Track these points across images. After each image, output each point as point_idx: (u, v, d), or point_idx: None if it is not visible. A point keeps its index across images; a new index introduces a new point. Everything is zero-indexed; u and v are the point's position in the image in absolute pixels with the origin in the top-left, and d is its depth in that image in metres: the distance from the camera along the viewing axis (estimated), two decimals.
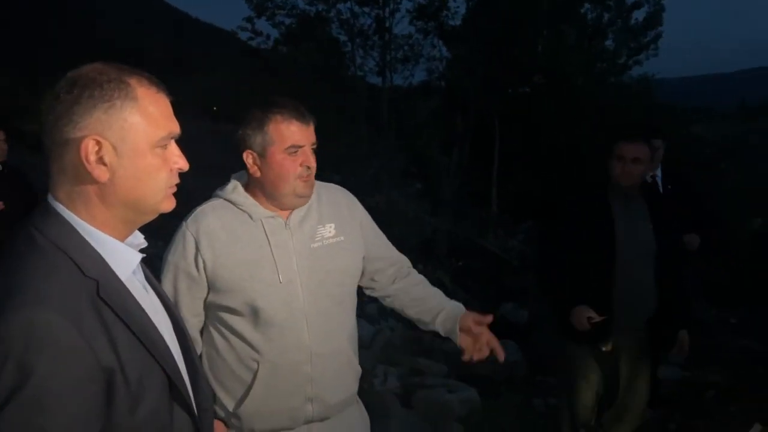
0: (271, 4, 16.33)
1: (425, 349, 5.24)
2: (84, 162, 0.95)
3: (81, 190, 0.98)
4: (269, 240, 1.66)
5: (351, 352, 1.77)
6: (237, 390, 1.68)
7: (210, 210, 1.69)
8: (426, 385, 4.28)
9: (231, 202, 1.70)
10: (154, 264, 1.66)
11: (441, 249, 8.97)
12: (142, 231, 1.10)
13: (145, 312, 1.01)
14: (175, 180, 1.05)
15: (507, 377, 4.88)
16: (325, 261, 1.70)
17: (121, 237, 1.03)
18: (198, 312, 1.70)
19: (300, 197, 1.67)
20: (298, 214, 1.70)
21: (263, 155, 1.63)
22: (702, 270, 4.83)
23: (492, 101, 15.41)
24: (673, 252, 2.76)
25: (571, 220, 2.75)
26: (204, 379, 1.17)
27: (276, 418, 1.68)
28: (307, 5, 16.53)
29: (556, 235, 2.83)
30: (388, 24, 16.82)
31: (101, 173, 0.96)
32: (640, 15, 17.60)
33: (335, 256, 1.72)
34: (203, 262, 1.64)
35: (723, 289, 6.45)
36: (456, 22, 16.77)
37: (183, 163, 1.05)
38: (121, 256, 1.01)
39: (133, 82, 0.98)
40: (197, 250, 1.64)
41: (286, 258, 1.66)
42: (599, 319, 2.53)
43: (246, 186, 1.72)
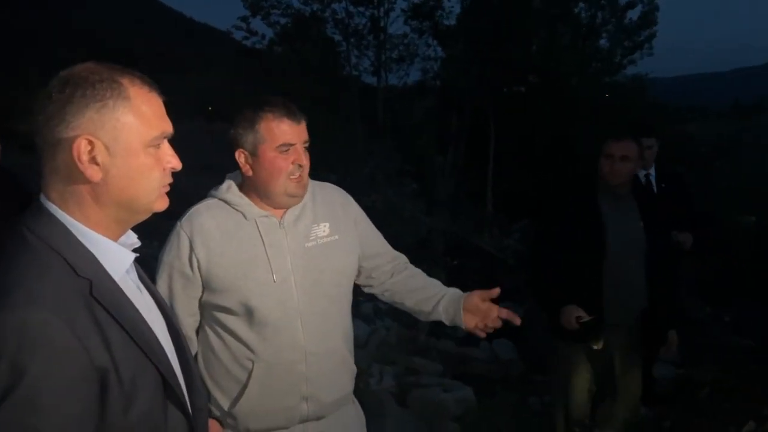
0: (266, 3, 16.33)
1: (420, 349, 5.25)
2: (76, 162, 0.95)
3: (74, 190, 0.97)
4: (263, 239, 1.66)
5: (346, 351, 1.77)
6: (232, 389, 1.68)
7: (204, 209, 1.69)
8: (421, 385, 4.29)
9: (225, 201, 1.70)
10: (149, 265, 1.65)
11: (437, 248, 8.98)
12: (137, 231, 1.10)
13: (139, 311, 1.01)
14: (168, 179, 1.05)
15: (502, 376, 4.89)
16: (320, 260, 1.70)
17: (114, 237, 1.03)
18: (193, 312, 1.70)
19: (292, 197, 1.67)
20: (292, 213, 1.70)
21: (255, 154, 1.63)
22: (696, 268, 4.85)
23: (487, 101, 15.45)
24: (665, 250, 2.76)
25: (561, 219, 2.75)
26: (198, 378, 1.17)
27: (271, 417, 1.68)
28: (302, 5, 16.55)
29: (546, 235, 2.83)
30: (382, 23, 16.86)
31: (94, 173, 0.96)
32: (634, 14, 17.69)
33: (330, 255, 1.71)
34: (197, 261, 1.64)
35: (717, 287, 6.48)
36: (451, 21, 16.81)
37: (176, 163, 1.04)
38: (115, 255, 1.01)
39: (126, 81, 0.98)
40: (191, 249, 1.64)
41: (280, 257, 1.66)
42: (588, 319, 2.54)
43: (240, 186, 1.72)
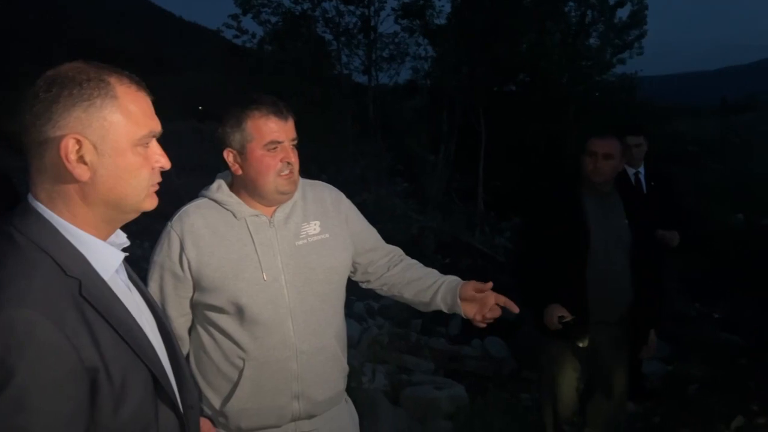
0: (257, 1, 16.27)
1: (412, 347, 5.26)
2: (64, 161, 0.94)
3: (62, 189, 0.97)
4: (253, 238, 1.66)
5: (338, 349, 1.77)
6: (224, 388, 1.68)
7: (194, 209, 1.69)
8: (414, 383, 4.30)
9: (215, 201, 1.69)
10: (141, 266, 1.65)
11: (428, 247, 8.99)
12: (128, 231, 1.09)
13: (129, 311, 1.01)
14: (157, 178, 1.04)
15: (494, 373, 4.91)
16: (310, 258, 1.69)
17: (103, 236, 1.02)
18: (185, 311, 1.70)
19: (282, 194, 1.66)
20: (282, 211, 1.70)
21: (243, 153, 1.62)
22: (685, 266, 4.88)
23: (477, 99, 15.49)
24: (649, 248, 2.77)
25: (545, 217, 2.76)
26: (189, 377, 1.17)
27: (262, 415, 1.68)
28: (293, 3, 16.50)
29: (530, 233, 2.84)
30: (373, 22, 16.84)
31: (82, 172, 0.96)
32: (623, 14, 17.78)
33: (320, 253, 1.71)
34: (188, 261, 1.63)
35: (706, 284, 6.53)
36: (441, 20, 16.82)
37: (165, 162, 1.04)
38: (104, 255, 1.00)
39: (113, 80, 0.98)
40: (182, 249, 1.64)
41: (270, 256, 1.66)
42: (569, 318, 2.55)
43: (230, 185, 1.72)
